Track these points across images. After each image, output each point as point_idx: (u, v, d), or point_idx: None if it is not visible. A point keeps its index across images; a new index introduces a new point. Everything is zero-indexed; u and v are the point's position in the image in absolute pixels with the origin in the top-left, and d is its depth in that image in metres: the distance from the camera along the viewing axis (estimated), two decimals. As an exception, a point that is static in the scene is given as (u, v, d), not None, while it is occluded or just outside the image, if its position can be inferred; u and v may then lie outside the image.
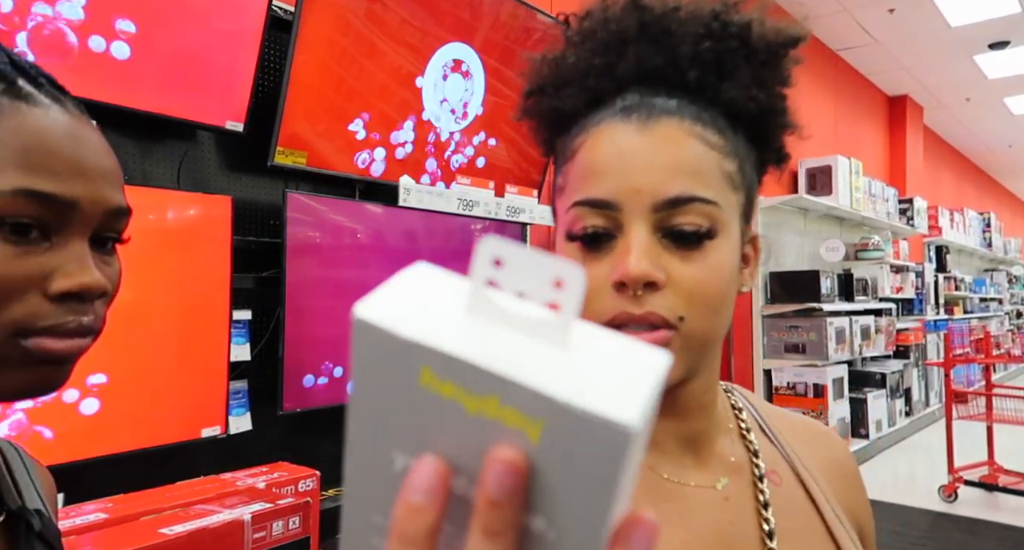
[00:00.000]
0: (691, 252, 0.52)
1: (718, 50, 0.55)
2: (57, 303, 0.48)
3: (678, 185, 0.51)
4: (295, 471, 1.88)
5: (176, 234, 1.85)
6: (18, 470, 0.62)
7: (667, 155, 0.52)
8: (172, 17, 1.83)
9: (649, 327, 0.51)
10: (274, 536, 1.51)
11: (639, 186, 0.52)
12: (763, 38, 0.56)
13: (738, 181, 0.56)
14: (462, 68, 2.58)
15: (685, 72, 0.55)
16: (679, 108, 0.54)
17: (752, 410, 0.66)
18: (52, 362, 0.49)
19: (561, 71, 0.59)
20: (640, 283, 0.50)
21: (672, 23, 0.55)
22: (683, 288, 0.51)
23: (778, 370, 5.02)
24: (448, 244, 2.60)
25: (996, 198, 13.06)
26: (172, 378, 1.84)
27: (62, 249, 0.49)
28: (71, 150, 0.49)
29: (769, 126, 0.59)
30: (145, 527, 1.38)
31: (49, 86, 0.51)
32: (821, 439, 0.66)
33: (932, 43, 6.46)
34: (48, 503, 0.64)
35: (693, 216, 0.52)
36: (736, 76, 0.56)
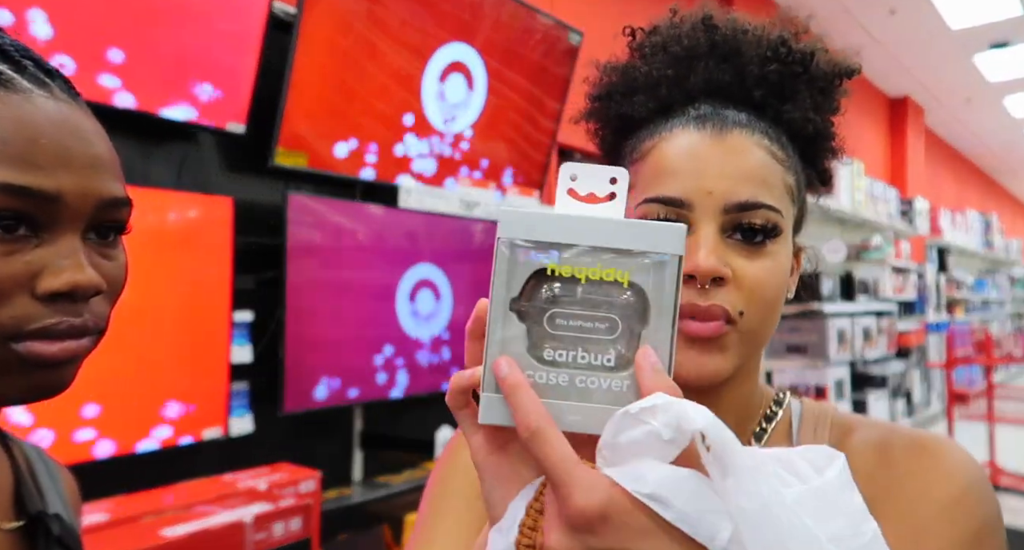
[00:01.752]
0: (754, 251, 0.57)
1: (783, 73, 0.60)
2: (46, 304, 0.45)
3: (748, 191, 0.56)
4: (296, 472, 1.88)
5: (177, 235, 1.85)
6: (41, 474, 0.62)
7: (738, 163, 0.57)
8: (173, 18, 1.83)
9: (710, 319, 0.55)
10: (275, 537, 1.51)
11: (711, 188, 0.56)
12: (822, 67, 0.62)
13: (796, 195, 0.61)
14: (463, 69, 2.58)
15: (751, 90, 0.60)
16: (749, 122, 0.59)
17: (795, 423, 0.64)
18: (48, 366, 0.46)
19: (630, 79, 0.64)
20: (709, 277, 0.54)
21: (741, 44, 0.61)
22: (745, 284, 0.56)
23: (779, 371, 5.02)
24: (449, 245, 2.60)
25: (997, 199, 13.05)
26: (173, 379, 1.84)
27: (51, 245, 0.46)
28: (54, 139, 0.46)
29: (820, 149, 0.64)
30: (146, 528, 1.38)
31: (36, 69, 0.48)
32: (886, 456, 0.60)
33: (932, 44, 6.46)
34: (71, 506, 0.64)
35: (762, 218, 0.56)
36: (797, 99, 0.61)
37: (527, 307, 0.41)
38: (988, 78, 7.30)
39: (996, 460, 4.83)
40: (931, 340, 7.35)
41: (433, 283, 2.54)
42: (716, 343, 0.56)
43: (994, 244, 10.18)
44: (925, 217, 7.52)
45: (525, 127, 2.85)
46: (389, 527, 2.25)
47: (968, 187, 11.23)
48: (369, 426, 2.47)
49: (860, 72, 0.64)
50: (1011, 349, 7.28)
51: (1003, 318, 11.01)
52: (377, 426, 2.50)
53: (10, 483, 0.58)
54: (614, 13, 3.95)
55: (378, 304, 2.36)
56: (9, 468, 0.58)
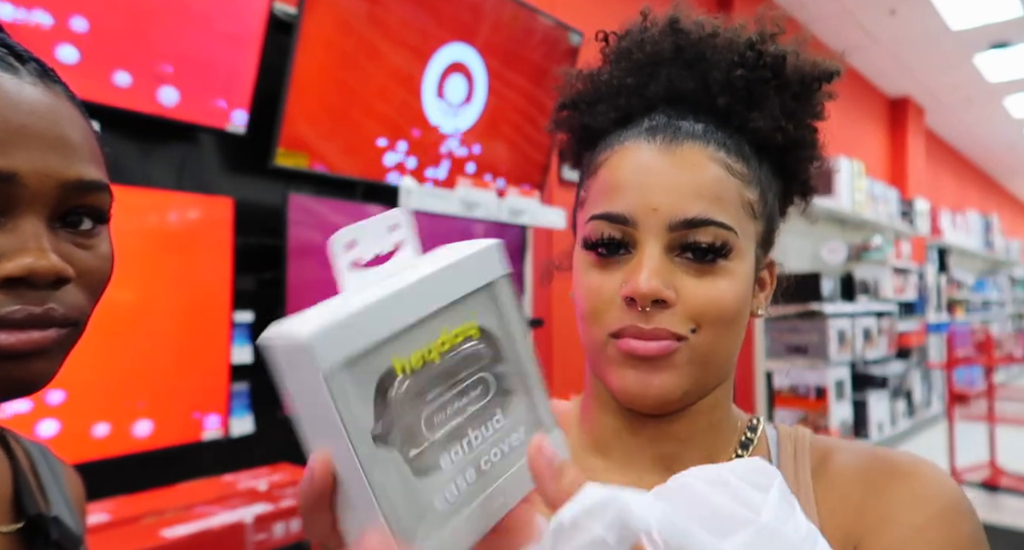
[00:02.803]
0: (705, 270, 0.53)
1: (750, 79, 0.56)
2: (5, 291, 0.43)
3: (697, 207, 0.53)
4: (297, 473, 1.88)
5: (178, 236, 1.85)
6: (44, 474, 0.61)
7: (688, 177, 0.53)
8: (173, 18, 1.83)
9: (655, 339, 0.52)
10: (276, 538, 1.51)
11: (656, 204, 0.53)
12: (797, 70, 0.57)
13: (758, 210, 0.57)
14: (463, 69, 2.58)
15: (715, 98, 0.57)
16: (705, 133, 0.55)
17: (773, 449, 0.61)
18: (9, 358, 0.43)
19: (595, 88, 0.61)
20: (648, 300, 0.52)
21: (707, 49, 0.57)
22: (693, 305, 0.53)
23: (779, 372, 5.02)
24: (449, 246, 2.60)
25: (998, 200, 13.05)
26: (174, 380, 1.84)
27: (10, 231, 0.43)
28: (8, 118, 0.43)
29: (796, 158, 0.60)
30: (147, 529, 1.38)
31: (7, 53, 0.47)
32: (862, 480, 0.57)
33: (933, 45, 6.46)
34: (76, 506, 0.63)
35: (711, 235, 0.53)
36: (765, 106, 0.57)
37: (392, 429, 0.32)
38: (988, 78, 7.30)
39: (996, 461, 4.83)
40: (931, 340, 7.35)
41: (433, 284, 2.54)
42: (664, 361, 0.53)
43: (994, 245, 10.18)
44: (925, 218, 7.52)
45: (525, 128, 2.85)
46: (389, 527, 2.25)
47: (968, 187, 11.23)
48: (369, 426, 2.47)
49: (840, 74, 0.59)
50: (1012, 349, 7.27)
51: (1003, 319, 11.00)
52: (377, 426, 2.49)
53: (9, 484, 0.57)
54: (614, 13, 3.94)
55: (378, 305, 2.35)
56: (9, 468, 0.57)
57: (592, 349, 0.56)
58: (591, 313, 0.55)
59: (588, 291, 0.55)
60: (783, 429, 0.64)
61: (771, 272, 0.62)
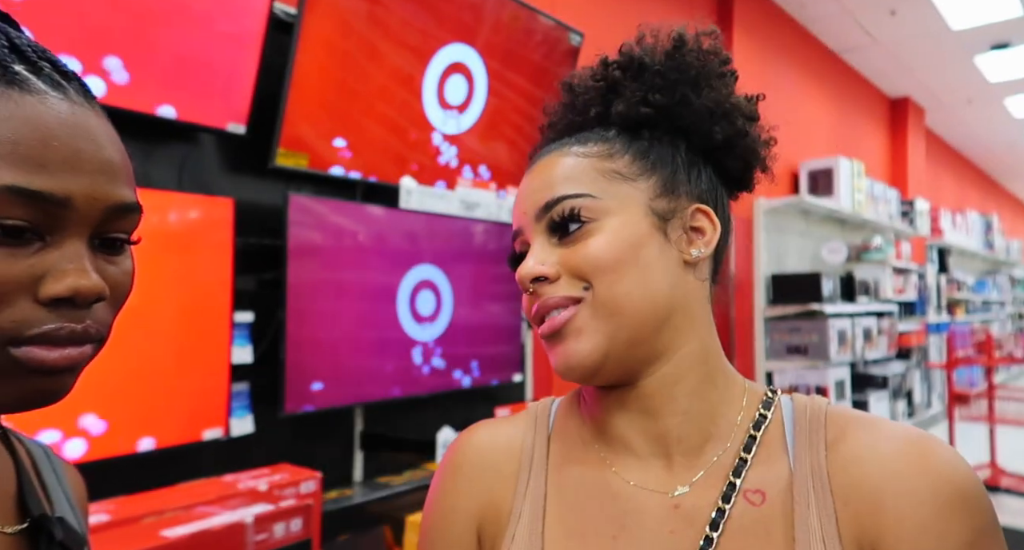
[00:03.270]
0: (573, 240, 0.60)
1: (604, 85, 0.66)
2: (49, 309, 0.44)
3: (549, 193, 0.62)
4: (297, 473, 1.88)
5: (178, 236, 1.85)
6: (47, 474, 0.61)
7: (545, 178, 0.63)
8: (174, 19, 1.83)
9: (559, 311, 0.59)
10: (276, 538, 1.51)
11: (525, 209, 0.63)
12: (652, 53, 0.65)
13: (635, 169, 0.63)
14: (463, 70, 2.58)
15: (586, 112, 0.67)
16: (566, 143, 0.65)
17: (788, 423, 0.62)
18: (46, 373, 0.45)
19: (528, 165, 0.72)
20: (528, 281, 0.60)
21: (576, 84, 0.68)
22: (571, 268, 0.59)
23: (780, 372, 5.02)
24: (450, 246, 2.61)
25: (998, 200, 13.05)
26: (174, 380, 1.84)
27: (56, 250, 0.45)
28: (66, 142, 0.45)
29: (684, 119, 0.65)
30: (147, 529, 1.38)
31: (52, 71, 0.48)
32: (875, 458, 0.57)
33: (933, 45, 6.46)
34: (78, 507, 0.63)
35: (559, 211, 0.60)
36: (623, 94, 0.65)
37: None
38: (989, 79, 7.30)
39: (997, 461, 4.83)
40: (932, 341, 7.35)
41: (434, 284, 2.54)
42: (568, 327, 0.59)
43: (995, 245, 10.18)
44: (926, 218, 7.52)
45: (526, 128, 2.85)
46: (390, 528, 2.25)
47: (969, 188, 11.23)
48: (370, 427, 2.47)
49: (681, 38, 0.66)
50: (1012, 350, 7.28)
51: (1004, 319, 11.00)
52: (378, 427, 2.50)
53: (13, 484, 0.56)
54: (614, 14, 3.95)
55: (378, 305, 2.36)
56: (12, 468, 0.57)
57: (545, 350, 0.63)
58: (529, 318, 0.64)
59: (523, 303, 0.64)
60: (799, 401, 0.64)
61: (708, 217, 0.64)
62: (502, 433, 0.70)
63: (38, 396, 0.46)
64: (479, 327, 2.72)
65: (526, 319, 0.66)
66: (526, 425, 0.70)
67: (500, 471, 0.67)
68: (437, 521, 0.68)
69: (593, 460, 0.64)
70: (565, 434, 0.68)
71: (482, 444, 0.69)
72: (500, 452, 0.68)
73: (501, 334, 2.82)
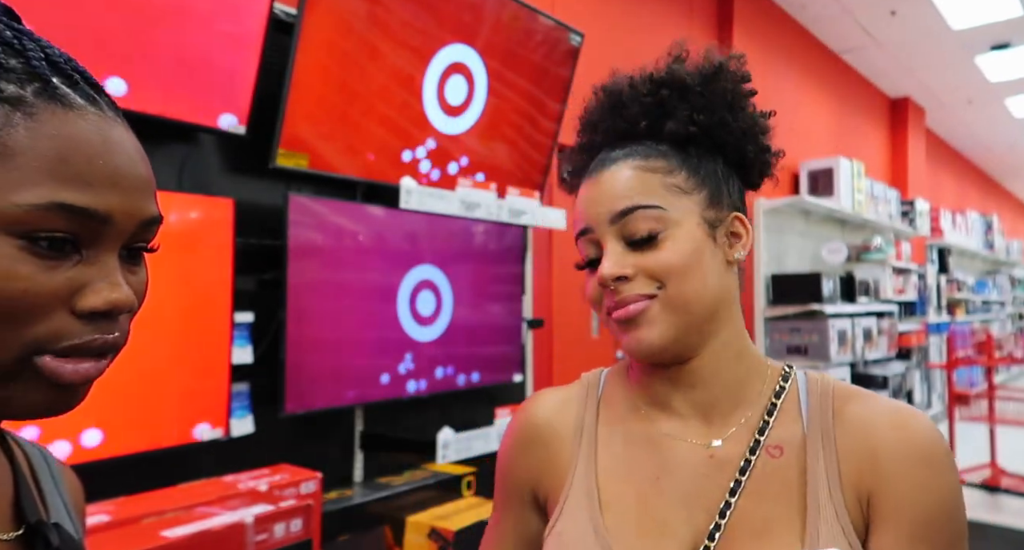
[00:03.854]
0: (650, 247, 0.71)
1: (654, 101, 0.75)
2: (84, 321, 0.46)
3: (622, 202, 0.72)
4: (297, 473, 1.88)
5: (178, 236, 1.85)
6: (44, 478, 0.60)
7: (610, 188, 0.73)
8: (174, 19, 1.83)
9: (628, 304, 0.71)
10: (276, 538, 1.51)
11: (598, 211, 0.73)
12: (697, 74, 0.75)
13: (691, 184, 0.74)
14: (463, 70, 2.58)
15: (637, 125, 0.76)
16: (625, 155, 0.75)
17: (802, 393, 0.76)
18: (64, 385, 0.46)
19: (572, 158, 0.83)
20: (610, 280, 0.71)
21: (623, 95, 0.77)
22: (648, 270, 0.71)
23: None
24: (450, 246, 2.61)
25: (998, 200, 13.05)
26: (174, 380, 1.84)
27: (92, 263, 0.46)
28: (107, 159, 0.46)
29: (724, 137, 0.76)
30: (147, 530, 1.38)
31: (84, 84, 0.48)
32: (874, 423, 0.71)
33: (933, 45, 6.46)
34: (75, 511, 0.62)
35: (640, 221, 0.71)
36: (674, 114, 0.75)
37: None
38: (989, 78, 7.30)
39: (997, 461, 4.83)
40: (932, 341, 7.35)
41: (434, 284, 2.54)
42: (642, 317, 0.71)
43: (995, 245, 10.18)
44: (926, 218, 7.52)
45: (526, 128, 2.85)
46: (390, 528, 2.25)
47: (969, 188, 11.23)
48: (370, 427, 2.47)
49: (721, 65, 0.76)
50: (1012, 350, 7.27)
51: (1004, 319, 11.00)
52: (378, 427, 2.50)
53: (10, 489, 0.56)
54: (614, 14, 3.95)
55: (379, 305, 2.36)
56: (10, 473, 0.57)
57: (608, 329, 0.75)
58: (593, 305, 0.75)
59: (585, 291, 0.76)
60: (812, 376, 0.78)
61: (743, 224, 0.77)
62: (560, 399, 0.84)
63: (56, 406, 0.47)
64: (479, 327, 2.72)
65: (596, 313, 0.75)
66: (579, 392, 0.84)
67: (558, 432, 0.81)
68: (502, 476, 0.84)
69: (639, 419, 0.78)
70: (614, 398, 0.82)
71: (536, 415, 0.83)
72: (559, 415, 0.82)
73: (501, 334, 2.82)
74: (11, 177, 0.43)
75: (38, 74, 0.45)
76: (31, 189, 0.43)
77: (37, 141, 0.44)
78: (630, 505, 0.73)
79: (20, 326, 0.43)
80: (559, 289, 3.50)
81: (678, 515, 0.71)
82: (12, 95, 0.44)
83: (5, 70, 0.44)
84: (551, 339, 3.47)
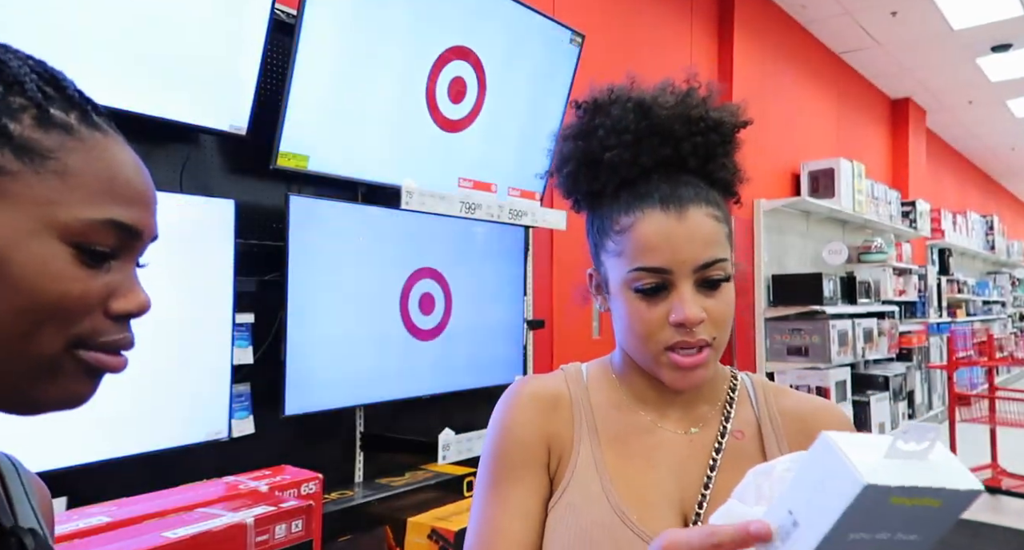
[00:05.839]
0: (714, 293, 0.79)
1: (705, 143, 0.81)
2: (114, 321, 0.52)
3: (707, 253, 0.78)
4: (298, 474, 1.88)
5: (179, 237, 1.85)
6: (13, 485, 0.61)
7: (698, 234, 0.78)
8: (175, 19, 1.83)
9: (697, 350, 0.78)
10: (277, 539, 1.51)
11: (684, 258, 0.77)
12: (727, 127, 0.82)
13: (730, 235, 0.82)
14: (464, 70, 2.58)
15: (686, 160, 0.81)
16: (696, 195, 0.79)
17: (750, 390, 0.91)
18: (97, 375, 0.52)
19: (592, 159, 0.82)
20: (696, 323, 0.77)
21: (672, 122, 0.80)
22: (713, 318, 0.78)
23: (780, 373, 5.02)
24: (450, 247, 2.61)
25: (999, 201, 13.04)
26: (175, 381, 1.85)
27: (120, 271, 0.52)
28: (140, 181, 0.53)
29: (731, 185, 0.86)
30: (148, 530, 1.38)
31: (100, 113, 0.54)
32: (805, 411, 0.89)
33: (934, 46, 6.45)
34: (44, 519, 0.63)
35: (718, 269, 0.78)
36: (716, 159, 0.82)
37: None
38: (991, 78, 7.30)
39: (998, 462, 4.82)
40: (933, 342, 7.34)
41: (434, 285, 2.54)
42: (699, 366, 0.80)
43: (996, 246, 10.17)
44: (926, 219, 7.51)
45: (526, 128, 2.85)
46: (391, 529, 2.25)
47: (970, 189, 11.22)
48: (370, 428, 2.47)
49: (751, 123, 0.84)
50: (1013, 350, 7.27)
51: (1004, 319, 10.99)
52: (378, 428, 2.50)
53: None
54: (614, 14, 3.95)
55: (379, 306, 2.36)
56: None
57: (645, 356, 0.81)
58: (646, 334, 0.79)
59: (640, 319, 0.79)
60: (750, 376, 0.93)
61: None
62: (550, 383, 0.90)
63: (80, 396, 0.52)
64: (479, 328, 2.72)
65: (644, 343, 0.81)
66: (563, 379, 0.90)
67: (555, 407, 0.87)
68: (512, 444, 0.86)
69: (627, 407, 0.88)
70: (600, 388, 0.90)
71: (537, 390, 0.88)
72: (551, 395, 0.88)
73: (501, 335, 2.82)
74: (74, 194, 0.49)
75: (77, 103, 0.52)
76: (90, 206, 0.49)
77: (90, 163, 0.50)
78: (635, 479, 0.83)
79: (68, 324, 0.49)
80: (560, 290, 3.50)
81: (671, 488, 0.83)
82: (62, 121, 0.50)
83: (49, 98, 0.50)
84: (551, 340, 3.47)
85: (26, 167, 0.47)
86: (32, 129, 0.48)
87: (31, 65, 0.51)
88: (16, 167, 0.47)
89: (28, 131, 0.48)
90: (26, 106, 0.48)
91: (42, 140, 0.48)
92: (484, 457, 0.88)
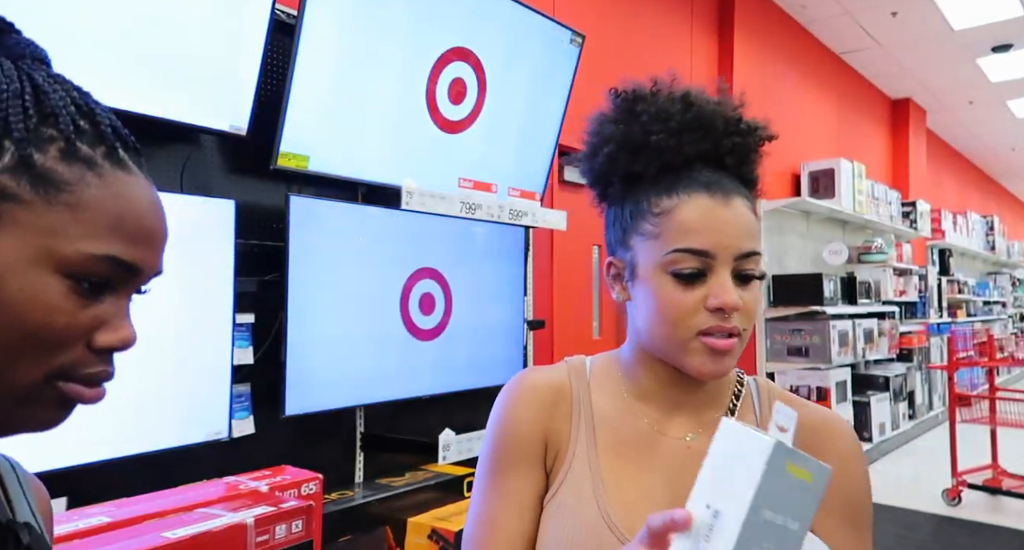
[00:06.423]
0: (748, 286, 0.79)
1: (743, 144, 0.83)
2: (96, 354, 0.51)
3: (748, 244, 0.79)
4: (298, 474, 1.88)
5: (179, 237, 1.85)
6: (11, 483, 0.61)
7: (741, 223, 0.79)
8: (175, 19, 1.83)
9: (728, 335, 0.78)
10: (277, 539, 1.51)
11: (727, 243, 0.77)
12: (762, 132, 0.84)
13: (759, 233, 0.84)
14: (464, 71, 2.58)
15: (724, 157, 0.82)
16: (738, 188, 0.81)
17: (755, 396, 0.90)
18: (70, 406, 0.52)
19: (633, 142, 0.82)
20: (735, 309, 0.77)
21: (714, 118, 0.81)
22: (746, 309, 0.78)
23: (780, 373, 5.01)
24: (451, 247, 2.61)
25: (999, 201, 13.04)
26: (175, 381, 1.85)
27: (111, 304, 0.52)
28: (151, 221, 0.55)
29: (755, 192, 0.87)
30: (148, 530, 1.38)
31: (132, 147, 0.56)
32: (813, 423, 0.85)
33: (935, 46, 6.46)
34: (42, 518, 0.63)
35: (754, 263, 0.79)
36: (748, 161, 0.84)
37: None
38: (991, 78, 7.30)
39: (999, 462, 4.82)
40: (933, 342, 7.34)
41: (434, 285, 2.54)
42: (729, 352, 0.79)
43: (996, 246, 10.17)
44: (927, 219, 7.52)
45: (526, 128, 2.85)
46: (391, 529, 2.25)
47: (970, 189, 11.22)
48: (371, 428, 2.47)
49: (777, 138, 0.86)
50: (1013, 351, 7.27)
51: (1005, 320, 10.99)
52: (378, 428, 2.50)
53: None
54: (615, 14, 3.95)
55: (380, 306, 2.36)
56: None
57: (672, 342, 0.79)
58: (677, 318, 0.78)
59: (673, 303, 0.78)
60: (759, 381, 0.92)
61: None
62: (551, 376, 0.89)
63: (47, 424, 0.52)
64: (480, 328, 2.72)
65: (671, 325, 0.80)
66: (566, 373, 0.90)
67: (555, 403, 0.87)
68: (509, 438, 0.86)
69: (628, 408, 0.87)
70: (603, 385, 0.89)
71: (537, 383, 0.88)
72: (552, 390, 0.88)
73: (501, 335, 2.82)
74: (79, 228, 0.49)
75: (108, 138, 0.53)
76: (93, 240, 0.49)
77: (103, 199, 0.50)
78: (627, 484, 0.82)
79: (49, 355, 0.49)
80: (560, 290, 3.50)
81: (663, 496, 0.82)
82: (87, 156, 0.51)
83: (80, 132, 0.51)
84: (552, 340, 3.47)
85: (39, 197, 0.48)
86: (55, 160, 0.49)
87: (73, 97, 0.52)
88: (29, 196, 0.48)
89: (51, 162, 0.49)
90: (55, 138, 0.49)
91: (63, 172, 0.49)
92: (483, 449, 0.89)
